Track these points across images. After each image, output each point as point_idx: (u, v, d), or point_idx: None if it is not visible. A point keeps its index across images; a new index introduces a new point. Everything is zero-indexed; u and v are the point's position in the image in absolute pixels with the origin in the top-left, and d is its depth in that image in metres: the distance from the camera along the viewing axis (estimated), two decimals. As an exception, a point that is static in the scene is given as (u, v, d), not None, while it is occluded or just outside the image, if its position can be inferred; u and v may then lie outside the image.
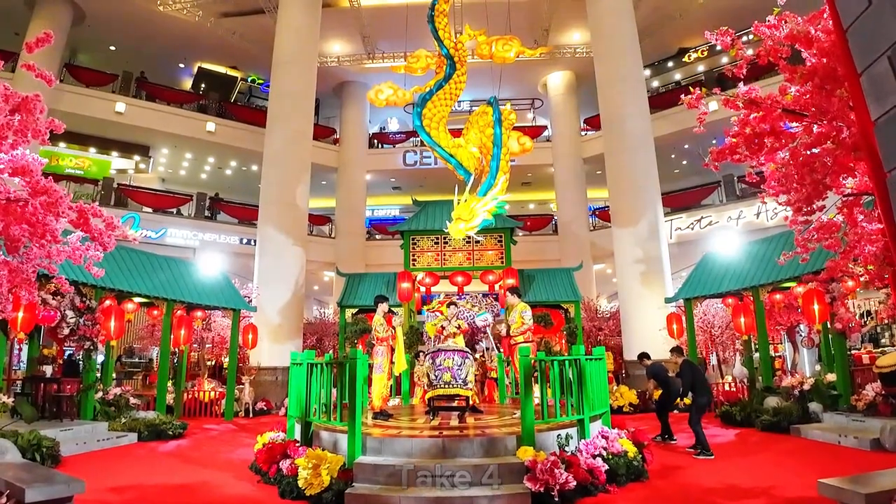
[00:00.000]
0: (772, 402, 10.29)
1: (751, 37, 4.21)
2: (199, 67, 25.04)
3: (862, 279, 7.27)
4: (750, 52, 3.91)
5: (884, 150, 1.06)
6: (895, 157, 1.03)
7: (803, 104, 3.59)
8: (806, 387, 10.08)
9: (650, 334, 14.56)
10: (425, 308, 14.15)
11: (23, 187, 4.77)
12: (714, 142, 22.55)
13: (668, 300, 14.47)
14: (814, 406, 9.64)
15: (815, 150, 3.63)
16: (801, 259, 4.36)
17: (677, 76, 25.81)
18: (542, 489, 5.14)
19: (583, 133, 25.45)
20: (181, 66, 25.03)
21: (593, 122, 24.67)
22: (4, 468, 5.12)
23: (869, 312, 12.36)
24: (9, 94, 4.36)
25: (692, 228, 21.53)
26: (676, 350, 9.08)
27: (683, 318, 13.63)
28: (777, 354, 14.21)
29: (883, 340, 12.63)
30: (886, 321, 9.33)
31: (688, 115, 20.97)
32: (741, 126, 3.94)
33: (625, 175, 17.36)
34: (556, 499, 5.12)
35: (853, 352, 10.49)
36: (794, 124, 3.82)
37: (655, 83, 25.73)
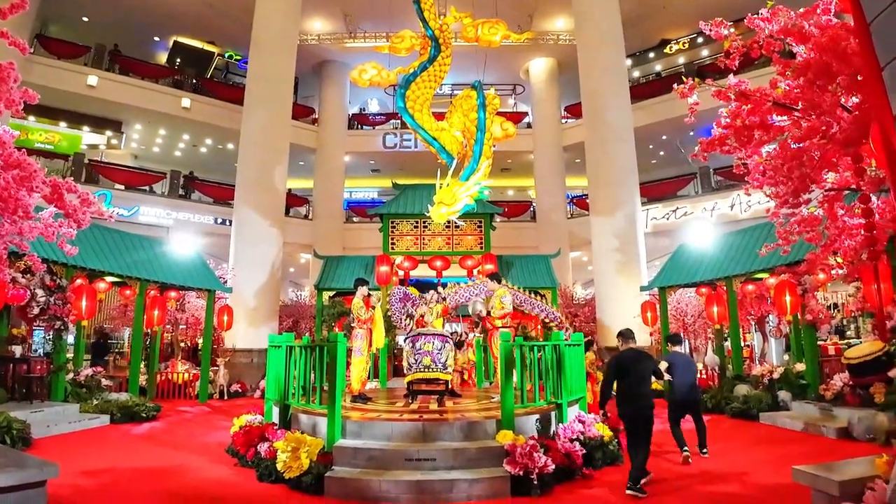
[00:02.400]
0: (742, 389, 10.53)
1: (732, 30, 4.23)
2: (175, 42, 24.35)
3: (835, 273, 7.43)
4: (735, 44, 3.93)
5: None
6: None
7: (793, 98, 3.63)
8: (775, 376, 10.33)
9: (625, 321, 14.64)
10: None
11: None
12: (692, 133, 22.81)
13: (643, 288, 14.69)
14: (783, 395, 9.90)
15: (804, 144, 3.67)
16: (783, 251, 4.45)
17: (658, 67, 25.97)
18: (521, 472, 5.19)
19: (563, 121, 25.51)
20: (156, 39, 24.32)
21: (574, 111, 24.74)
22: (-27, 450, 4.98)
23: (836, 305, 12.69)
24: (-21, 63, 4.17)
25: (668, 219, 21.81)
26: (624, 335, 6.25)
27: (658, 307, 13.85)
28: (746, 344, 14.53)
29: (848, 332, 13.01)
30: (854, 313, 9.60)
31: (667, 107, 21.17)
32: (733, 118, 3.97)
33: (604, 164, 17.47)
34: (535, 482, 5.18)
35: (820, 343, 10.79)
36: (782, 118, 3.86)
37: (636, 73, 25.86)
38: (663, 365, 6.46)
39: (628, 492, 5.01)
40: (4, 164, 4.38)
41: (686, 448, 6.40)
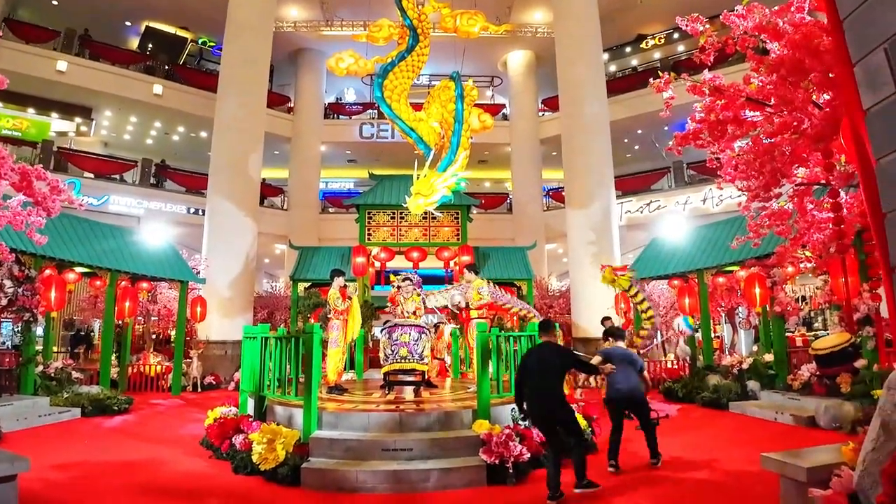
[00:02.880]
0: (712, 379, 10.77)
1: (708, 25, 4.29)
2: (147, 27, 23.78)
3: (803, 266, 7.63)
4: (711, 39, 3.99)
5: (874, 138, 1.10)
6: (885, 146, 1.07)
7: (766, 94, 3.71)
8: (745, 366, 10.58)
9: (599, 312, 14.92)
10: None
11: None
12: (667, 128, 23.10)
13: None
14: (752, 384, 10.15)
15: (775, 140, 3.75)
16: (754, 244, 4.54)
17: (634, 62, 26.21)
18: (496, 461, 5.25)
19: (540, 114, 25.61)
20: (128, 24, 23.70)
21: (551, 104, 24.85)
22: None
23: (804, 297, 13.04)
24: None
25: (641, 212, 22.09)
26: (612, 333, 6.44)
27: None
28: (716, 335, 14.84)
29: (816, 324, 13.38)
30: (822, 306, 9.88)
31: (642, 101, 21.41)
32: (707, 112, 4.04)
33: (580, 157, 17.60)
34: (511, 470, 5.24)
35: (788, 334, 11.07)
36: (755, 113, 3.94)
37: (612, 68, 26.06)
38: (596, 359, 6.08)
39: (576, 490, 4.81)
40: (-30, 151, 4.26)
41: (612, 463, 5.58)
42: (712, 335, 13.31)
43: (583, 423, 6.65)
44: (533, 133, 24.82)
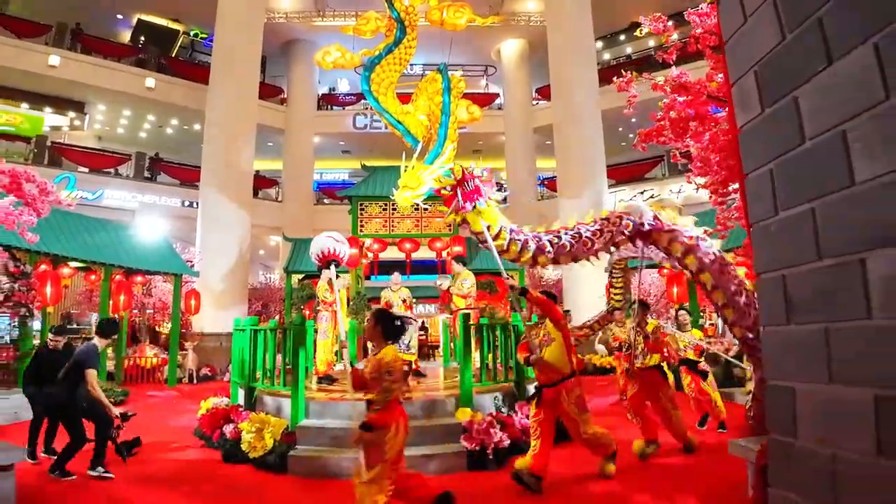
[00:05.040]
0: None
1: (671, 23, 4.37)
2: (139, 19, 23.75)
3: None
4: (673, 38, 4.11)
5: (744, 155, 1.23)
6: (752, 163, 1.20)
7: (725, 91, 3.82)
8: (731, 353, 10.74)
9: (591, 300, 15.13)
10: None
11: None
12: (660, 116, 23.15)
13: (607, 269, 15.01)
14: (738, 371, 10.32)
15: (730, 137, 3.87)
16: (720, 236, 4.67)
17: (628, 50, 26.20)
18: (477, 447, 5.42)
19: (534, 103, 25.64)
20: (119, 17, 23.67)
21: (545, 92, 24.86)
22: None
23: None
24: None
25: (634, 200, 22.21)
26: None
27: (622, 287, 14.19)
28: (710, 322, 14.99)
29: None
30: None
31: (636, 89, 21.43)
32: (666, 110, 4.16)
33: (572, 146, 17.70)
34: (491, 456, 5.41)
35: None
36: (719, 110, 4.05)
37: (607, 56, 26.06)
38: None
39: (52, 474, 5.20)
40: (-43, 152, 4.37)
41: None
42: (707, 322, 13.46)
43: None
44: (526, 122, 24.86)
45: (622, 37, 26.00)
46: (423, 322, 11.84)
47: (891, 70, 0.87)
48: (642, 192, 22.02)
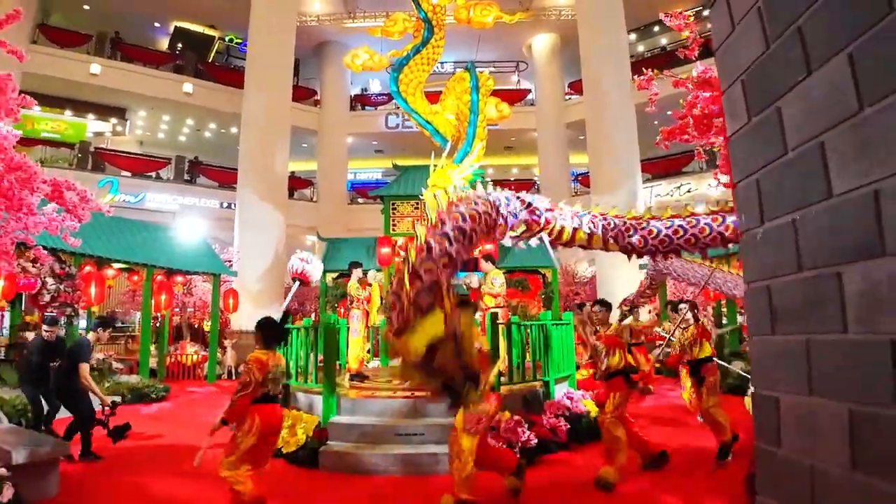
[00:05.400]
0: (738, 366, 10.70)
1: (692, 18, 4.26)
2: (176, 27, 24.40)
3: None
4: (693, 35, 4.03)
5: (734, 163, 1.23)
6: (740, 172, 1.20)
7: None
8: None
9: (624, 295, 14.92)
10: None
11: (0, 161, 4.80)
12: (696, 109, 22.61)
13: (642, 266, 14.80)
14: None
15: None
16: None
17: (663, 41, 25.67)
18: (504, 446, 5.44)
19: (566, 98, 25.37)
20: (157, 25, 24.37)
21: (577, 87, 24.58)
22: (-10, 431, 5.31)
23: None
24: (-21, 75, 4.36)
25: (671, 195, 21.78)
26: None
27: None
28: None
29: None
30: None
31: (659, 86, 20.97)
32: (688, 108, 4.08)
33: (605, 141, 17.48)
34: (519, 455, 5.42)
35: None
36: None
37: (641, 48, 25.59)
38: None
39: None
40: (6, 167, 4.60)
41: None
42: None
43: (595, 410, 6.78)
44: (559, 117, 24.62)
45: (656, 28, 25.47)
46: None
47: (865, 80, 0.86)
48: (679, 187, 21.59)
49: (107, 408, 6.25)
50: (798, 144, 1.01)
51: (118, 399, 7.21)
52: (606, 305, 5.95)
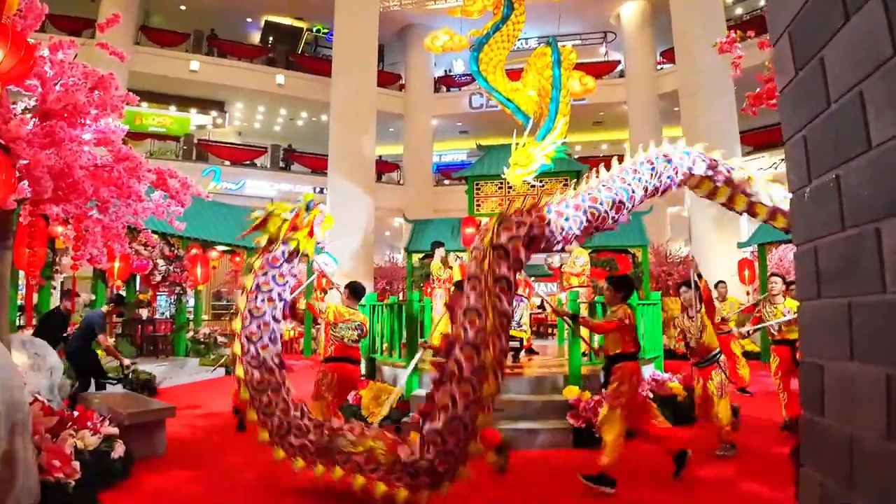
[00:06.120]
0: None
1: None
2: (266, 21, 25.50)
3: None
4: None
5: (783, 121, 1.16)
6: (789, 128, 1.14)
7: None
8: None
9: (721, 279, 14.18)
10: None
11: (109, 152, 5.30)
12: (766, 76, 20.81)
13: (741, 245, 13.99)
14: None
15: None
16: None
17: (762, 2, 23.78)
18: (584, 425, 5.40)
19: (658, 67, 24.16)
20: (249, 20, 25.56)
21: (669, 56, 23.33)
22: (109, 397, 5.94)
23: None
24: (88, 73, 4.82)
25: (776, 168, 20.24)
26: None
27: (756, 264, 13.17)
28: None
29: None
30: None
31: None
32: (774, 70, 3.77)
33: (700, 112, 16.58)
34: (597, 435, 5.36)
35: None
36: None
37: (739, 10, 23.87)
38: None
39: None
40: (115, 158, 5.09)
41: None
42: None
43: (682, 393, 6.55)
44: (651, 89, 23.50)
45: (757, -13, 23.68)
46: (541, 301, 11.79)
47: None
48: (782, 159, 20.04)
49: (126, 368, 7.16)
50: (839, 96, 0.94)
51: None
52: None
